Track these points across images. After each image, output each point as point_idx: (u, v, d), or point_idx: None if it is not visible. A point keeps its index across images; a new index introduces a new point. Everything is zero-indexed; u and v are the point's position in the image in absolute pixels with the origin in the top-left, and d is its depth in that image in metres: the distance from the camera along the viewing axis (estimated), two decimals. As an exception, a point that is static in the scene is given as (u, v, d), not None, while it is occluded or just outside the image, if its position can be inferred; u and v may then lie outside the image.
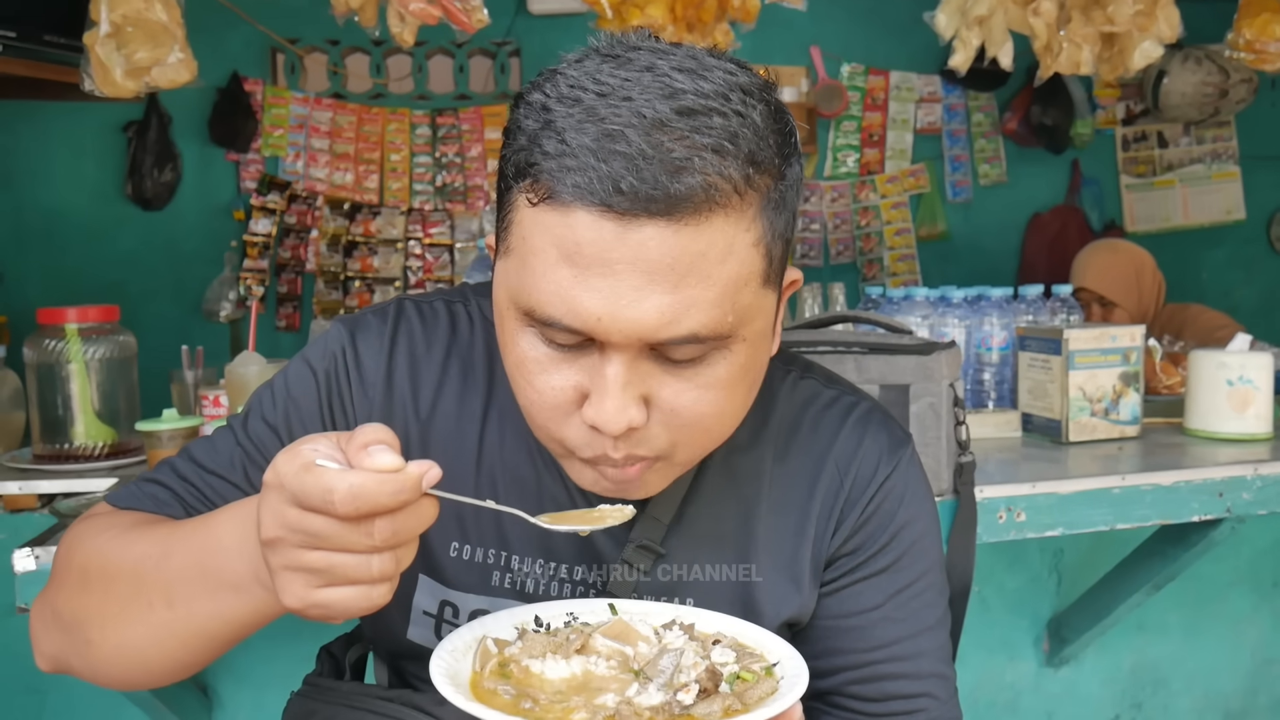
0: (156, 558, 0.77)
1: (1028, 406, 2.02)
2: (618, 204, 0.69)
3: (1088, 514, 1.65)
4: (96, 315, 1.94)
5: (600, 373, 0.74)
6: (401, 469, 0.63)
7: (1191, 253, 4.69)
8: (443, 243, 4.33)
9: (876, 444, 0.94)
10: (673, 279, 0.71)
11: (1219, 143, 4.76)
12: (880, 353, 1.56)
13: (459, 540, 0.92)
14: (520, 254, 0.75)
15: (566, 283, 0.71)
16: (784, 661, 0.75)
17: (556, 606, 0.82)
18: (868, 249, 4.64)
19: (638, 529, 0.91)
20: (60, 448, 1.91)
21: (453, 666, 0.71)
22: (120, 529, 0.83)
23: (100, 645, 0.81)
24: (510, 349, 0.79)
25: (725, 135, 0.70)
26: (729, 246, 0.72)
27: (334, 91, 4.31)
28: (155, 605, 0.76)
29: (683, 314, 0.72)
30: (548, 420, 0.78)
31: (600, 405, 0.74)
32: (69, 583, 0.84)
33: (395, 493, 0.63)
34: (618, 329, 0.72)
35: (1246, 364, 1.91)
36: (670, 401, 0.76)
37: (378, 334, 0.95)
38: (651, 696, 0.69)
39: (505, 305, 0.78)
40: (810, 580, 0.92)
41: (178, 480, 0.92)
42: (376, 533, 0.63)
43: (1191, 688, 2.18)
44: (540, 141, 0.72)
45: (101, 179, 4.06)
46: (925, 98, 4.66)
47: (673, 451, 0.79)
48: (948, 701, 0.96)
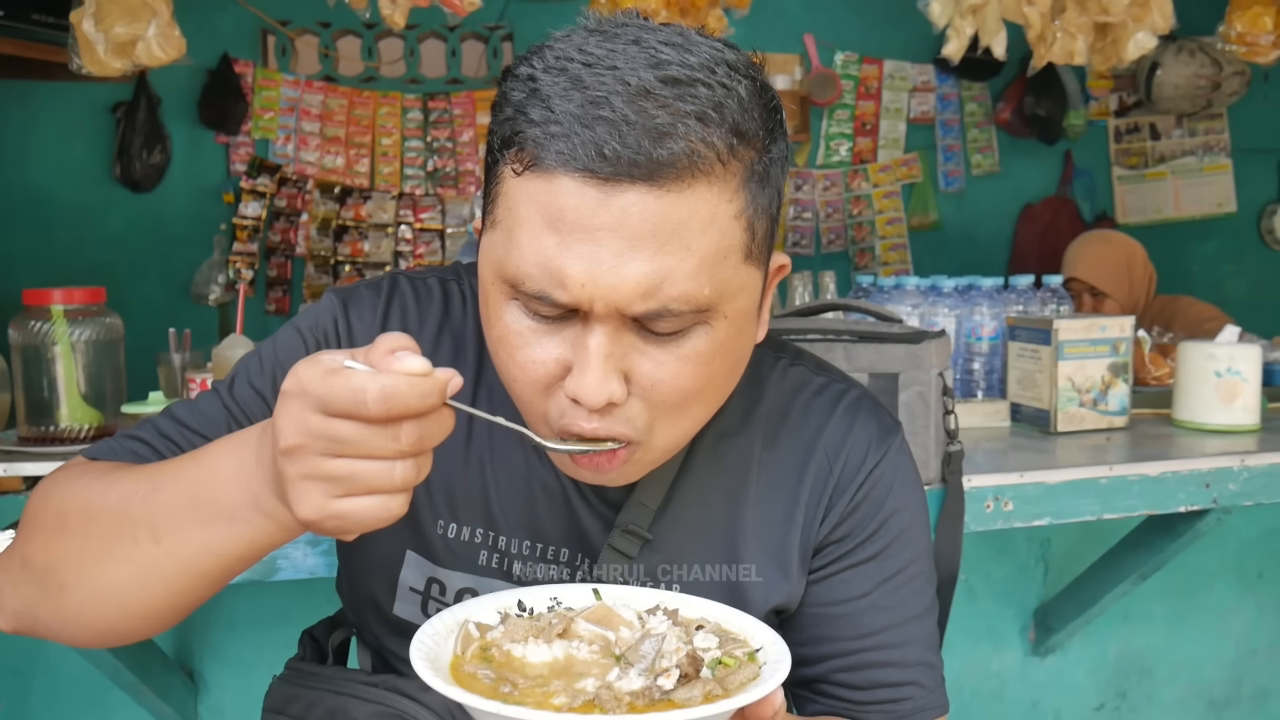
0: (144, 493, 0.75)
1: (1016, 396, 2.03)
2: (601, 169, 0.69)
3: (1075, 504, 1.65)
4: (83, 297, 1.93)
5: (582, 344, 0.74)
6: (430, 372, 0.63)
7: (1182, 245, 4.70)
8: (434, 227, 4.32)
9: (866, 431, 0.94)
10: (654, 245, 0.71)
11: (1211, 135, 4.76)
12: (869, 341, 1.55)
13: (447, 518, 0.92)
14: (506, 225, 0.75)
15: (550, 250, 0.72)
16: (767, 647, 0.75)
17: (540, 591, 0.82)
18: (860, 238, 4.64)
19: (625, 514, 0.90)
20: (45, 430, 1.89)
21: (433, 650, 0.71)
22: (101, 471, 0.81)
23: (75, 589, 0.77)
24: (494, 323, 0.78)
25: (710, 104, 0.71)
26: (711, 216, 0.72)
27: (325, 74, 4.28)
28: (141, 541, 0.74)
29: (663, 281, 0.72)
30: (532, 395, 0.78)
31: (581, 377, 0.74)
32: (42, 529, 0.80)
33: (425, 395, 0.62)
34: (600, 295, 0.72)
35: (1235, 356, 1.91)
36: (650, 375, 0.76)
37: (370, 306, 0.95)
38: (632, 681, 0.68)
39: (490, 279, 0.78)
40: (799, 567, 0.92)
41: (159, 437, 0.91)
42: (404, 436, 0.62)
43: (1176, 677, 2.19)
44: (526, 110, 0.72)
45: (90, 160, 4.03)
46: (919, 87, 4.65)
47: (650, 435, 0.79)
48: (934, 690, 0.97)
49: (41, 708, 1.83)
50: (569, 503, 0.92)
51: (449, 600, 0.93)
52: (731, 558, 0.92)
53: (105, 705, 1.81)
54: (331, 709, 0.92)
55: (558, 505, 0.92)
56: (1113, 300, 3.02)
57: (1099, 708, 2.16)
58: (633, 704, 0.67)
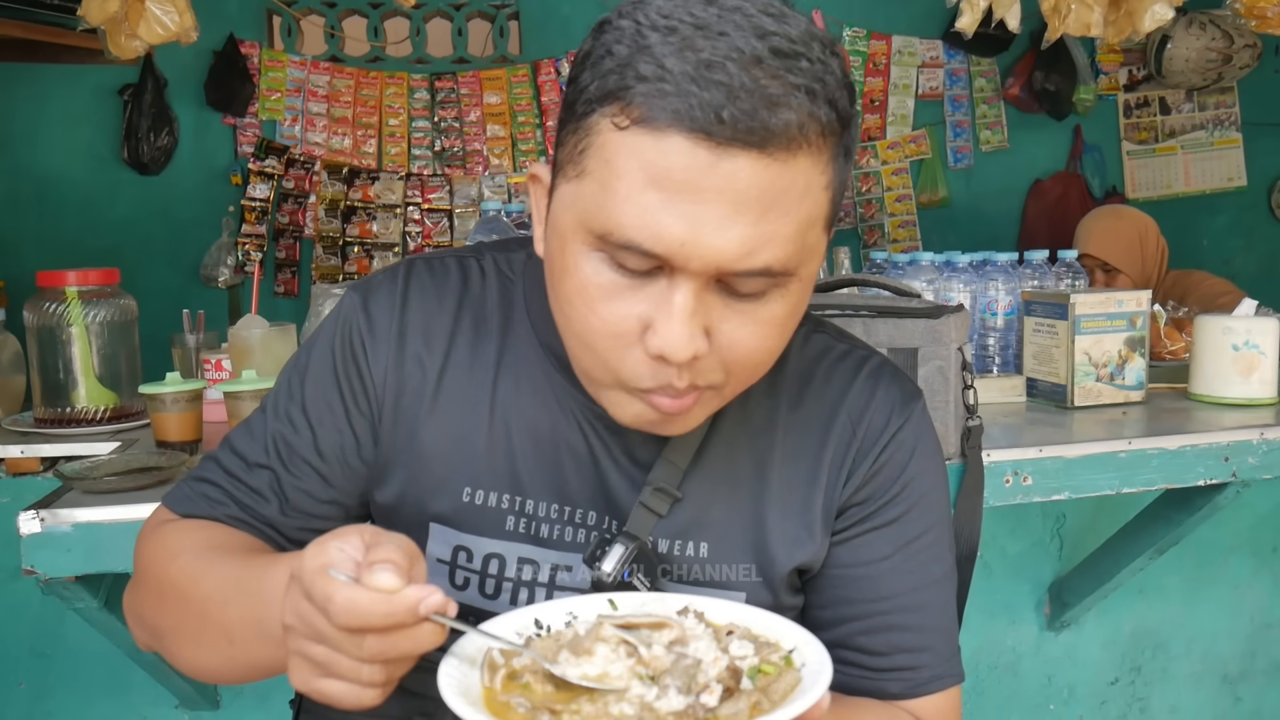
0: (219, 603, 0.82)
1: (1032, 371, 2.02)
2: (716, 132, 0.70)
3: (1093, 478, 1.65)
4: (97, 278, 1.93)
5: (668, 300, 0.75)
6: (398, 591, 0.65)
7: (1192, 219, 4.68)
8: (441, 208, 4.31)
9: (889, 397, 0.95)
10: (757, 210, 0.73)
11: (1221, 109, 4.73)
12: (888, 316, 1.55)
13: (472, 485, 0.93)
14: (600, 177, 0.75)
15: (652, 206, 0.72)
16: (801, 648, 0.73)
17: (555, 607, 0.80)
18: (868, 215, 4.62)
19: (656, 472, 0.91)
20: (62, 411, 1.90)
21: (463, 682, 0.70)
22: (191, 556, 0.87)
23: (179, 658, 0.88)
24: (571, 274, 0.78)
25: (814, 78, 0.73)
26: (808, 186, 0.75)
27: (331, 55, 4.26)
28: (219, 643, 0.82)
29: (761, 246, 0.74)
30: (608, 350, 0.78)
31: (667, 333, 0.75)
32: (149, 594, 0.90)
33: (387, 615, 0.65)
34: (698, 255, 0.73)
35: (1252, 329, 1.91)
36: (729, 335, 0.78)
37: (389, 292, 0.96)
38: (672, 701, 0.66)
39: (572, 229, 0.78)
40: (822, 528, 0.94)
41: (224, 475, 0.95)
42: (366, 646, 0.66)
43: (1191, 651, 2.20)
44: (635, 65, 0.72)
45: (97, 143, 4.02)
46: (927, 63, 4.62)
47: (724, 384, 0.81)
48: (951, 658, 0.97)
49: (62, 687, 1.84)
50: (597, 465, 0.93)
51: (476, 567, 0.93)
52: (758, 517, 0.93)
53: (126, 684, 1.82)
54: None
55: (585, 468, 0.93)
56: (1125, 276, 3.01)
57: (1114, 682, 2.17)
58: None
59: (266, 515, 0.94)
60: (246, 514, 0.94)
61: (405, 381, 0.94)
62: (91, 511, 1.36)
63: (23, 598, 1.80)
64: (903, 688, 0.95)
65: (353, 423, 0.94)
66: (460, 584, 0.94)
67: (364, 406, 0.94)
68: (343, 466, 0.95)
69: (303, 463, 0.94)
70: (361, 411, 0.94)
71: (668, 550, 0.92)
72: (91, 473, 1.48)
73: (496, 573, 0.93)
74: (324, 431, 0.94)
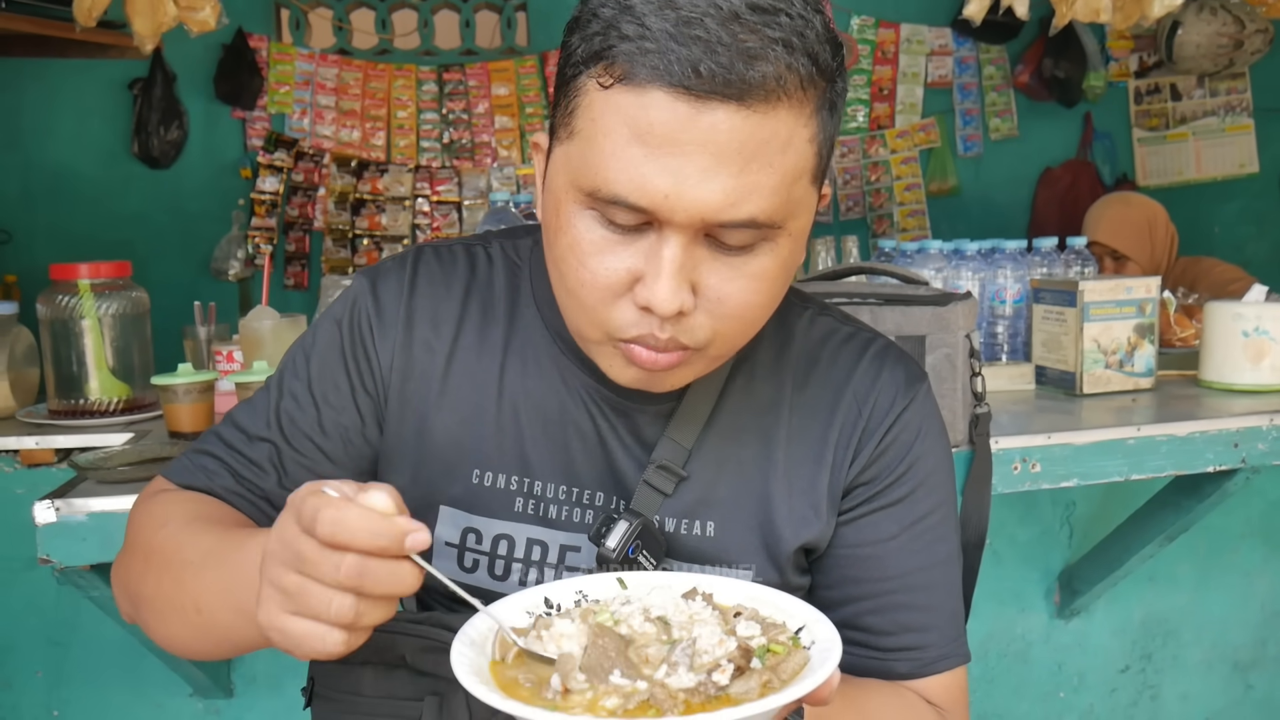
0: (195, 567, 0.82)
1: (1041, 359, 2.02)
2: (695, 86, 0.72)
3: (1102, 465, 1.65)
4: (109, 271, 1.94)
5: (657, 254, 0.77)
6: (389, 513, 0.65)
7: (1203, 207, 4.65)
8: (450, 200, 4.31)
9: (894, 378, 0.96)
10: (739, 162, 0.74)
11: (1233, 95, 4.70)
12: (896, 304, 1.55)
13: (480, 467, 0.94)
14: (588, 135, 0.77)
15: (637, 160, 0.74)
16: (810, 626, 0.74)
17: (565, 586, 0.80)
18: (877, 205, 4.61)
19: (660, 450, 0.93)
20: (76, 403, 1.91)
21: (475, 661, 0.70)
22: (178, 524, 0.87)
23: (154, 629, 0.88)
24: (564, 232, 0.80)
25: (793, 32, 0.74)
26: (790, 137, 0.76)
27: (339, 47, 4.27)
28: (188, 611, 0.82)
29: (745, 197, 0.75)
30: (597, 301, 0.80)
31: (654, 286, 0.77)
32: (136, 560, 0.90)
33: (373, 532, 0.64)
34: (682, 207, 0.75)
35: (1262, 315, 1.90)
36: (718, 289, 0.79)
37: (397, 278, 0.97)
38: (683, 679, 0.67)
39: (564, 189, 0.80)
40: (828, 507, 0.94)
41: (224, 448, 0.96)
42: (344, 566, 0.64)
43: (1201, 639, 2.19)
44: (619, 25, 0.74)
45: (108, 137, 4.04)
46: (936, 51, 4.60)
47: (710, 343, 0.82)
48: (958, 637, 0.98)
49: (78, 675, 1.86)
50: (604, 444, 0.94)
51: (485, 549, 0.94)
52: (764, 497, 0.94)
53: (140, 672, 1.84)
54: (377, 646, 0.94)
55: (592, 448, 0.94)
56: (1134, 264, 3.00)
57: (1124, 670, 2.17)
58: (689, 702, 0.65)
59: (263, 488, 0.94)
60: (243, 486, 0.94)
61: (413, 366, 0.95)
62: (106, 501, 1.38)
63: (39, 587, 1.82)
64: (910, 667, 0.96)
65: (358, 402, 0.95)
66: (469, 566, 0.95)
67: (370, 387, 0.95)
68: (345, 445, 0.95)
69: (305, 438, 0.94)
70: (368, 391, 0.95)
71: (675, 530, 0.93)
72: (105, 463, 1.50)
73: (505, 554, 0.94)
74: (328, 409, 0.95)
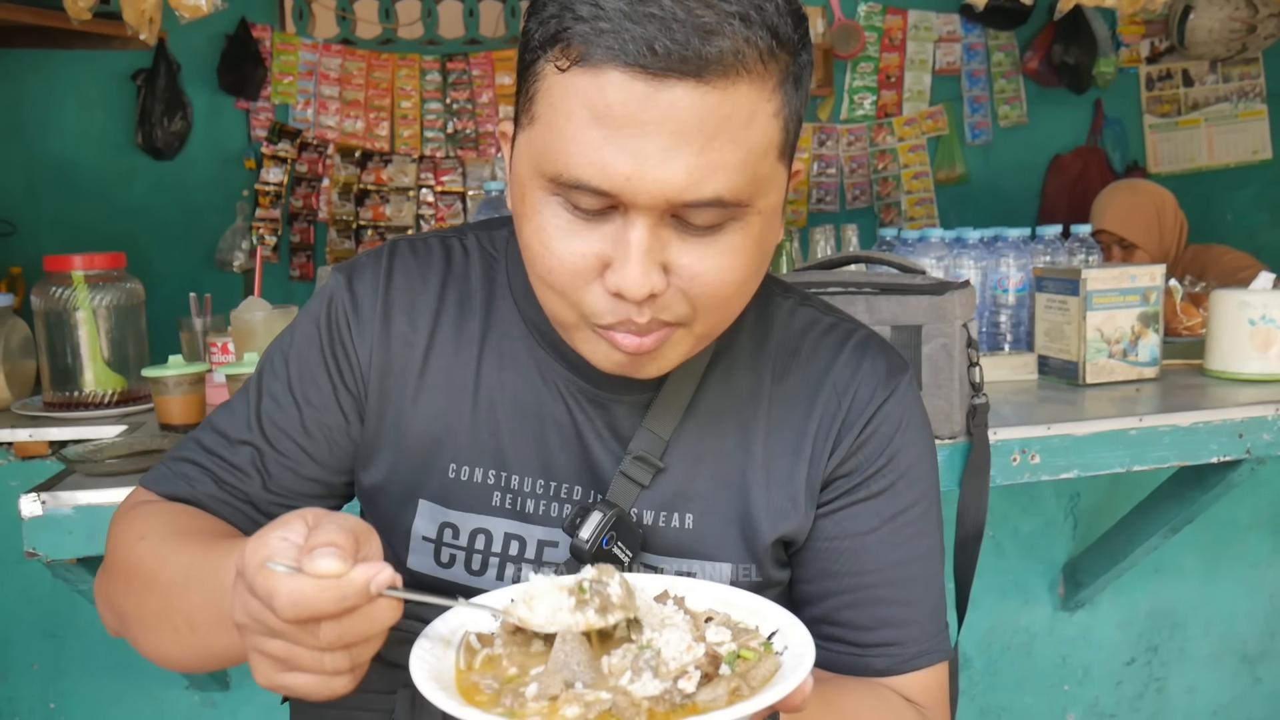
0: (179, 588, 0.80)
1: (1044, 348, 1.99)
2: (651, 64, 0.71)
3: (1104, 456, 1.62)
4: (103, 262, 1.93)
5: (623, 239, 0.76)
6: (343, 574, 0.63)
7: (1216, 194, 4.60)
8: (455, 190, 4.30)
9: (874, 369, 0.95)
10: (700, 140, 0.73)
11: (1246, 80, 4.64)
12: (892, 293, 1.53)
13: (457, 461, 0.93)
14: (547, 120, 0.76)
15: (596, 143, 0.73)
16: (784, 630, 0.72)
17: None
18: (885, 193, 4.58)
19: (636, 441, 0.91)
20: (70, 395, 1.91)
21: (435, 666, 0.69)
22: (156, 539, 0.86)
23: (143, 644, 0.86)
24: (530, 218, 0.79)
25: (751, 5, 0.73)
26: (752, 113, 0.75)
27: (343, 37, 4.25)
28: (180, 629, 0.80)
29: (708, 175, 0.74)
30: (567, 287, 0.79)
31: (624, 271, 0.76)
32: (117, 577, 0.88)
33: (338, 600, 0.62)
34: (645, 189, 0.73)
35: (1270, 303, 1.87)
36: (690, 268, 0.78)
37: (372, 272, 0.96)
38: (648, 686, 0.65)
39: (528, 176, 0.79)
40: (807, 500, 0.93)
41: (204, 454, 0.94)
42: (322, 635, 0.64)
43: (1208, 631, 2.17)
44: (573, 7, 0.73)
45: (111, 128, 4.04)
46: (944, 37, 4.56)
47: (692, 319, 0.81)
48: (938, 633, 0.96)
49: (73, 669, 1.85)
50: (581, 438, 0.93)
51: (462, 543, 0.93)
52: (743, 489, 0.92)
53: (136, 665, 1.83)
54: None
55: (569, 441, 0.93)
56: (1143, 251, 2.96)
57: (1130, 662, 2.14)
58: (653, 711, 0.64)
59: (247, 492, 0.93)
60: (226, 491, 0.93)
61: (391, 361, 0.94)
62: (93, 494, 1.37)
63: (34, 580, 1.82)
64: (888, 663, 0.94)
65: (340, 401, 0.94)
66: (445, 561, 0.94)
67: (351, 385, 0.94)
68: (329, 444, 0.94)
69: (287, 439, 0.93)
70: (349, 389, 0.94)
71: (653, 522, 0.92)
72: (94, 455, 1.49)
73: (483, 548, 0.93)
74: (310, 409, 0.94)
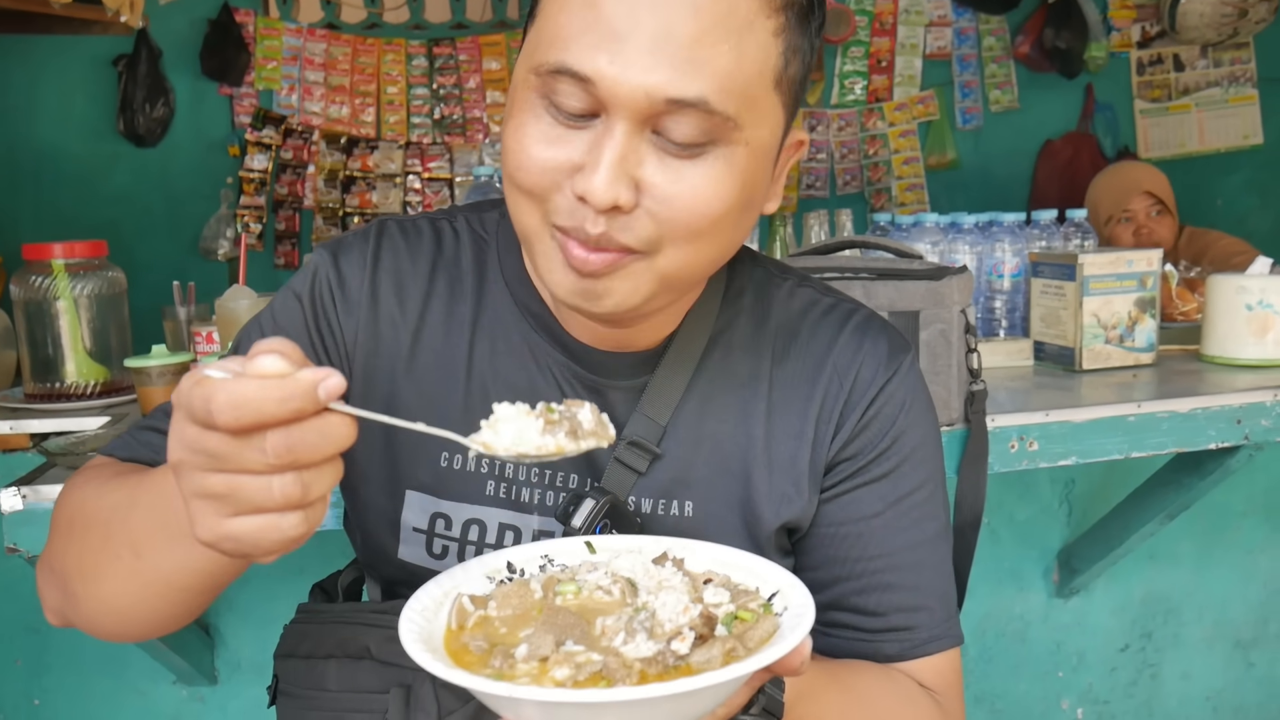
0: (124, 508, 0.75)
1: (1040, 334, 1.97)
2: None
3: (1101, 442, 1.60)
4: (84, 251, 1.90)
5: (598, 144, 0.73)
6: (288, 374, 0.57)
7: (1207, 179, 4.59)
8: (442, 176, 4.26)
9: (876, 349, 0.92)
10: (692, 32, 0.70)
11: (1237, 65, 4.63)
12: (889, 278, 1.51)
13: (449, 449, 0.91)
14: (546, 12, 0.75)
15: (584, 26, 0.71)
16: (784, 591, 0.70)
17: (530, 550, 0.78)
18: (875, 179, 4.56)
19: (632, 426, 0.89)
20: (52, 386, 1.87)
21: (425, 628, 0.66)
22: (102, 479, 0.81)
23: (84, 599, 0.78)
24: (513, 117, 0.77)
25: None
26: (750, 20, 0.72)
27: (327, 22, 4.20)
28: (124, 556, 0.73)
29: (697, 71, 0.71)
30: (535, 186, 0.76)
31: (590, 176, 0.72)
32: (59, 534, 0.82)
33: (281, 400, 0.56)
34: (626, 79, 0.70)
35: (1267, 288, 1.85)
36: (664, 188, 0.74)
37: (360, 252, 0.93)
38: (641, 648, 0.63)
39: (521, 76, 0.77)
40: (810, 484, 0.91)
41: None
42: (269, 447, 0.57)
43: (1202, 617, 2.16)
44: None
45: (92, 115, 3.98)
46: (935, 21, 4.53)
47: (655, 248, 0.76)
48: (949, 618, 0.95)
49: (58, 665, 1.83)
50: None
51: (455, 534, 0.91)
52: (744, 475, 0.90)
53: (122, 660, 1.81)
54: (341, 639, 0.92)
55: None
56: (1173, 220, 2.94)
57: (1124, 649, 2.14)
58: (644, 673, 0.61)
59: None
60: None
61: (378, 343, 0.91)
62: (74, 488, 1.34)
63: (17, 575, 1.78)
64: (899, 649, 0.92)
65: None
66: (438, 552, 0.92)
67: (335, 362, 0.91)
68: None
69: None
70: (332, 364, 0.91)
71: (652, 510, 0.90)
72: (75, 448, 1.46)
73: (477, 539, 0.91)
74: None
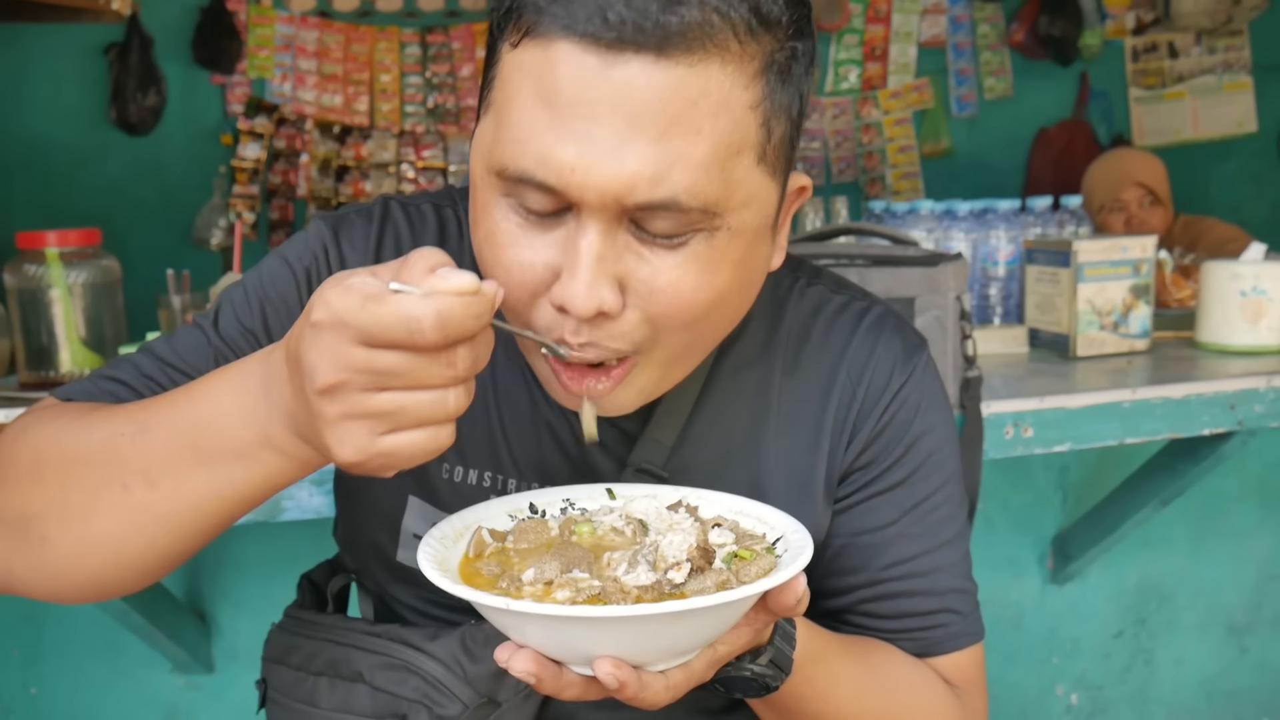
0: (131, 434, 0.69)
1: (1035, 321, 1.98)
2: (603, 34, 0.63)
3: (1097, 428, 1.61)
4: (77, 239, 1.89)
5: (573, 245, 0.68)
6: (479, 289, 0.58)
7: (1201, 166, 4.59)
8: (436, 165, 4.25)
9: (890, 351, 0.89)
10: (659, 126, 0.64)
11: (1231, 52, 4.63)
12: (884, 265, 1.51)
13: (453, 461, 0.88)
14: (498, 106, 0.69)
15: (541, 127, 0.65)
16: (787, 535, 0.72)
17: (553, 493, 0.80)
18: (870, 167, 4.55)
19: (638, 452, 0.86)
20: (46, 375, 1.87)
21: (442, 554, 0.69)
22: (79, 413, 0.74)
23: (58, 541, 0.71)
24: (482, 221, 0.72)
25: None
26: (724, 100, 0.65)
27: (320, 10, 4.18)
28: (133, 487, 0.68)
29: (666, 170, 0.65)
30: (517, 302, 0.72)
31: (570, 282, 0.67)
32: (15, 477, 0.74)
33: (479, 315, 0.57)
34: (592, 183, 0.65)
35: (1260, 274, 1.85)
36: (648, 282, 0.69)
37: (363, 233, 0.89)
38: (640, 576, 0.65)
39: (481, 173, 0.72)
40: (824, 498, 0.88)
41: (139, 377, 0.83)
42: (460, 361, 0.57)
43: (1196, 603, 2.17)
44: None
45: (84, 104, 3.96)
46: (929, 9, 4.53)
47: (653, 345, 0.73)
48: (969, 616, 0.93)
49: (54, 653, 1.82)
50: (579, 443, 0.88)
51: None
52: (754, 493, 0.86)
53: (117, 648, 1.80)
54: (333, 659, 0.89)
55: (568, 446, 0.88)
56: (1165, 210, 2.94)
57: (1118, 634, 2.15)
58: (640, 597, 0.64)
59: None
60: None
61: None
62: (69, 476, 1.33)
63: (11, 564, 1.78)
64: (918, 648, 0.91)
65: None
66: None
67: None
68: None
69: None
70: None
71: None
72: (70, 437, 1.45)
73: None
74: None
